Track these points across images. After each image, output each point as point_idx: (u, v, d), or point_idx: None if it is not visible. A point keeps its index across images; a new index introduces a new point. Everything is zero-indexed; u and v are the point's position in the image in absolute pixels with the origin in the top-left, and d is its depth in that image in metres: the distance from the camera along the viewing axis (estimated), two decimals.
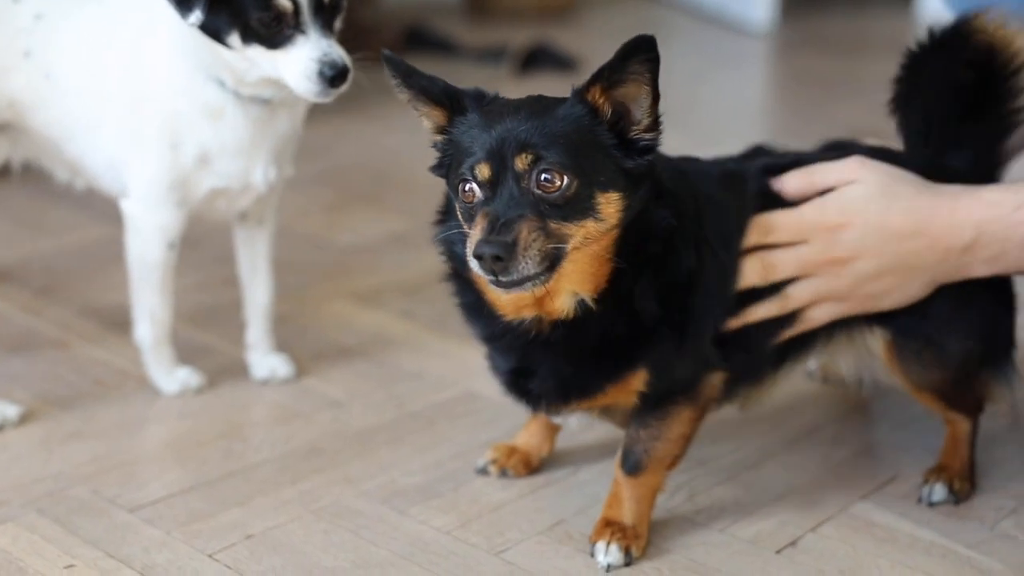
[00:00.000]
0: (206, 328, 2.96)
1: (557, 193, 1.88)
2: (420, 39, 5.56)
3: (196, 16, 2.34)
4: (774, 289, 2.21)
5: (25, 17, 2.52)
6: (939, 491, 2.34)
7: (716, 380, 2.18)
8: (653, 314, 2.03)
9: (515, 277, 1.86)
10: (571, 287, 1.97)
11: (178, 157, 2.50)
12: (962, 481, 2.36)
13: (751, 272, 2.18)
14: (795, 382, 2.77)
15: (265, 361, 2.77)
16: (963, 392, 2.35)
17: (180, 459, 2.44)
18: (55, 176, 2.75)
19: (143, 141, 2.51)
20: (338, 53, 2.39)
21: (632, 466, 2.15)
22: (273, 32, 2.37)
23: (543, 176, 1.88)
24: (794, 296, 2.21)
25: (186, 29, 2.41)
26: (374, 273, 3.37)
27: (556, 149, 1.88)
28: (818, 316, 2.25)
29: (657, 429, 2.14)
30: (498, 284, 1.88)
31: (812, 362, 2.81)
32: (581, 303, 1.99)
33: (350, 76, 2.40)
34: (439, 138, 2.04)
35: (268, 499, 2.31)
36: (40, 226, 3.60)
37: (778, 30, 6.43)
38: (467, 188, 1.93)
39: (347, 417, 2.62)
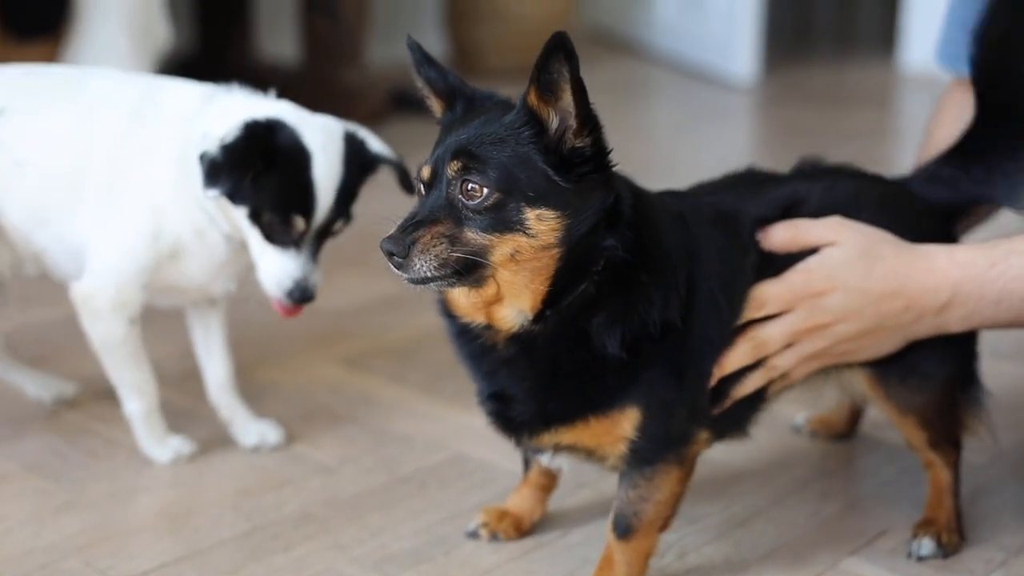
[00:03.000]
0: (194, 395, 2.97)
1: (478, 202, 1.91)
2: (406, 102, 5.61)
3: (215, 193, 2.40)
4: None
5: None
6: (927, 545, 2.34)
7: (704, 437, 2.18)
8: (615, 354, 2.01)
9: (412, 276, 1.91)
10: (513, 301, 1.98)
11: (157, 245, 2.54)
12: (950, 534, 2.37)
13: (743, 353, 2.18)
14: (782, 438, 2.79)
15: (253, 428, 2.77)
16: (947, 417, 2.37)
17: (172, 528, 2.44)
18: None
19: (123, 227, 2.53)
20: (314, 281, 2.52)
21: (623, 530, 2.15)
22: (274, 233, 2.45)
23: (469, 185, 1.91)
24: (780, 366, 2.23)
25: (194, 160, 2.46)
26: (363, 337, 3.39)
27: (483, 159, 1.92)
28: (796, 374, 2.28)
29: (646, 490, 2.13)
30: (408, 280, 1.94)
31: (799, 417, 2.84)
32: (526, 322, 2.00)
33: (312, 302, 2.51)
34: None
35: (260, 567, 2.31)
36: (29, 297, 3.60)
37: (761, 84, 6.49)
38: (418, 188, 1.99)
39: (338, 482, 2.62)
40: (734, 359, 2.17)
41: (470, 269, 1.92)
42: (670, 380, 2.07)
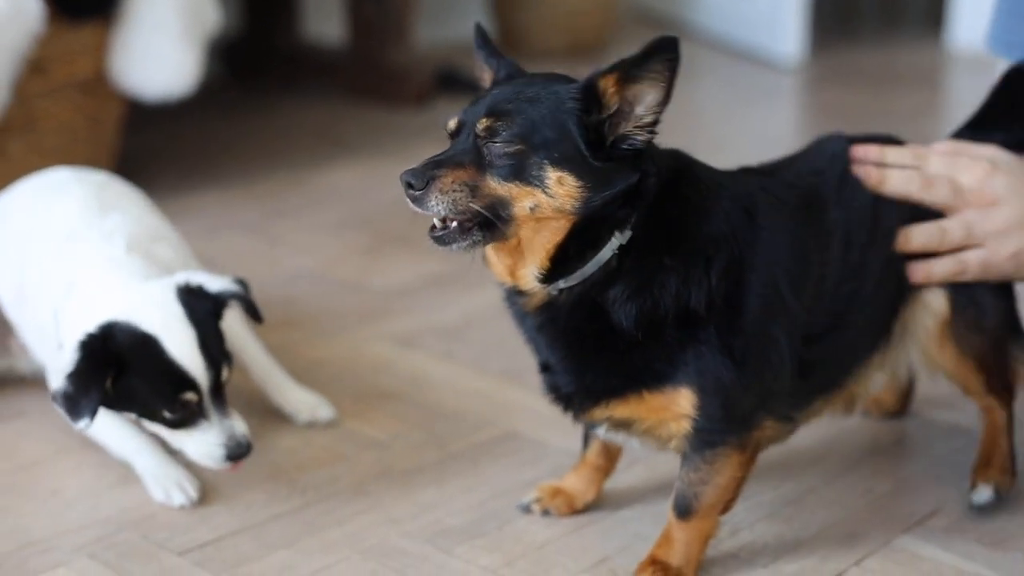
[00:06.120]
0: (247, 373, 3.00)
1: (500, 146, 1.93)
2: (452, 81, 5.61)
3: (86, 423, 2.31)
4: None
5: None
6: (985, 492, 2.40)
7: (769, 423, 2.17)
8: (630, 331, 2.01)
9: (425, 210, 1.94)
10: (531, 258, 2.00)
11: None
12: (1003, 475, 2.42)
13: (928, 234, 2.32)
14: (833, 416, 2.77)
15: (305, 403, 2.79)
16: (1002, 359, 2.39)
17: (227, 502, 2.47)
18: None
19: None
20: (241, 430, 2.39)
21: (683, 510, 2.15)
22: (175, 420, 2.37)
23: (496, 133, 1.94)
24: (951, 231, 2.34)
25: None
26: (411, 315, 3.40)
27: (514, 111, 1.94)
28: (971, 262, 2.33)
29: (707, 473, 2.12)
30: (433, 237, 1.99)
31: None
32: (537, 282, 2.01)
33: (252, 451, 2.41)
34: None
35: (315, 540, 2.34)
36: None
37: (807, 64, 6.45)
38: (448, 135, 2.03)
39: (390, 458, 2.64)
40: (918, 233, 2.31)
41: (489, 224, 1.95)
42: (723, 362, 2.06)
